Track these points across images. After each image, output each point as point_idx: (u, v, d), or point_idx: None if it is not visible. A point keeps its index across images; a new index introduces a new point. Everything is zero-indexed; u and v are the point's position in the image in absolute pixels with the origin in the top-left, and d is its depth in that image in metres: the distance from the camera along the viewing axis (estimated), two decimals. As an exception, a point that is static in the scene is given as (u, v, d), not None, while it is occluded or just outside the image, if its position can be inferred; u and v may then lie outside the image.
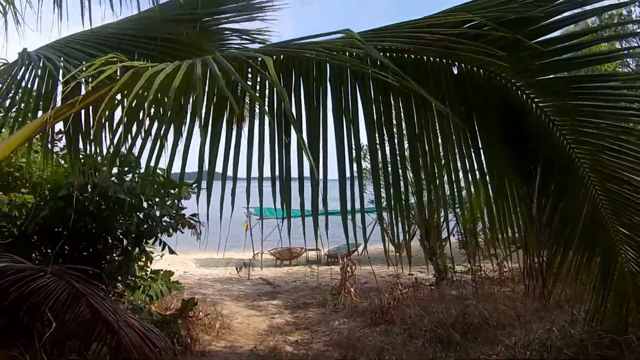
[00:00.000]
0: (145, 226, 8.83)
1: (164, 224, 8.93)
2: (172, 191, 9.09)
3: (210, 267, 22.99)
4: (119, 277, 8.97)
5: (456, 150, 3.87)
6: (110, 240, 8.90)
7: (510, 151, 4.11)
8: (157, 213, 8.95)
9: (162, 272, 9.50)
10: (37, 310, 4.92)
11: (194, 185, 9.04)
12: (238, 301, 15.25)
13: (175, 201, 9.05)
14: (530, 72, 3.71)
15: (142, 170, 8.56)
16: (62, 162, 8.64)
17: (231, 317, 12.84)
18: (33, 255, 8.35)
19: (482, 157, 3.97)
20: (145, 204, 8.84)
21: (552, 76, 3.89)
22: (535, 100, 3.91)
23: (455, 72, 3.74)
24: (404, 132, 3.74)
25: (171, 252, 8.93)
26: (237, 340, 10.69)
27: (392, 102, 3.60)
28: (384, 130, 3.59)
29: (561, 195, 4.40)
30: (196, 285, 17.79)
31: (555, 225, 4.58)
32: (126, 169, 8.46)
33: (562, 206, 4.45)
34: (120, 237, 8.86)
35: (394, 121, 3.64)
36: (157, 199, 8.82)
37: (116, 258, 8.95)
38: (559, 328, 8.31)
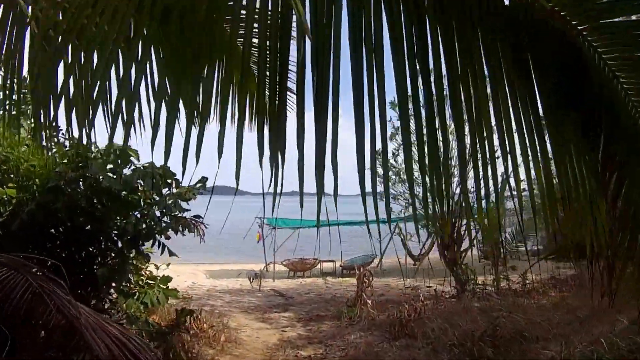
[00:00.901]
0: (143, 226, 8.00)
1: (164, 224, 8.10)
2: (174, 190, 8.29)
3: (220, 278, 22.17)
4: (113, 283, 8.14)
5: (509, 100, 2.98)
6: (104, 241, 8.09)
7: (571, 109, 3.22)
8: (158, 213, 8.15)
9: (159, 278, 8.63)
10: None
11: (198, 186, 8.25)
12: (248, 313, 14.38)
13: (179, 201, 8.23)
14: (596, 12, 2.84)
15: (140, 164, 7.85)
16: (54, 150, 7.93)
17: (239, 329, 11.99)
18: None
19: (539, 110, 3.07)
20: (145, 203, 8.06)
21: (620, 19, 3.02)
22: (599, 50, 3.02)
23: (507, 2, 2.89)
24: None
25: (171, 254, 8.09)
26: (244, 355, 9.83)
27: (429, 33, 2.73)
28: (417, 68, 2.70)
29: (628, 171, 3.50)
30: (204, 296, 16.96)
31: (620, 207, 3.66)
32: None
33: (628, 184, 3.54)
34: (115, 237, 8.04)
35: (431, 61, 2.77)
36: (156, 197, 8.04)
37: (109, 261, 8.13)
38: (604, 339, 7.35)
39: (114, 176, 7.57)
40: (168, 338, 8.13)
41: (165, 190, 8.13)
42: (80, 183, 7.63)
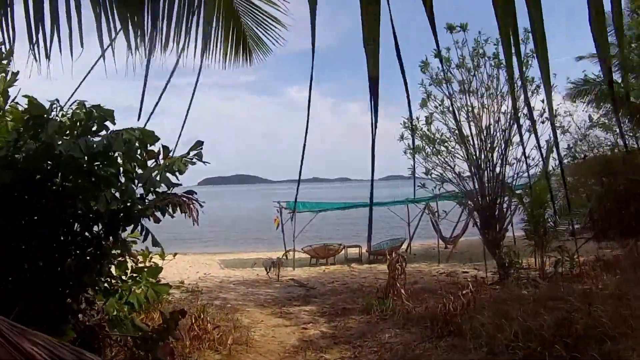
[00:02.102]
0: (120, 206, 6.27)
1: (147, 203, 6.36)
2: (160, 161, 6.52)
3: (236, 268, 20.51)
4: (87, 279, 6.44)
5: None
6: (75, 227, 6.39)
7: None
8: (141, 190, 6.41)
9: (146, 270, 6.91)
10: None
11: (191, 154, 6.50)
12: (263, 307, 12.68)
13: (166, 174, 6.45)
14: None
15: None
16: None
17: (252, 327, 10.30)
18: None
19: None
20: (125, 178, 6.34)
21: None
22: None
23: None
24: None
25: (155, 244, 6.35)
26: (255, 361, 8.14)
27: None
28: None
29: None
30: (216, 289, 15.31)
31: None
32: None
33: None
34: (85, 220, 6.32)
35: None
36: (139, 171, 6.33)
37: (81, 252, 6.43)
38: None
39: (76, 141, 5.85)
40: (160, 345, 6.43)
41: (151, 163, 6.41)
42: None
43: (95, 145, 5.61)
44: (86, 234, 6.42)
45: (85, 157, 5.76)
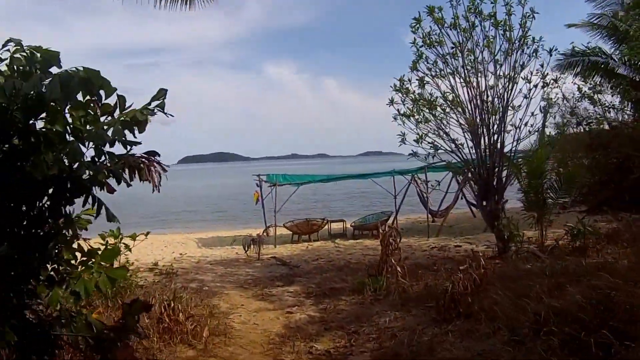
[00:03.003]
0: (62, 173, 4.96)
1: (97, 166, 5.05)
2: (114, 115, 5.22)
3: (214, 247, 19.28)
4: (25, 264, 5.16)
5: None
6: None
7: None
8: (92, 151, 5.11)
9: (99, 253, 5.63)
10: None
11: (152, 105, 5.21)
12: (243, 289, 11.52)
13: (121, 129, 5.15)
14: None
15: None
16: None
17: (232, 313, 9.15)
18: None
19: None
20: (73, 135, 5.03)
21: None
22: None
23: None
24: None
25: (110, 218, 5.07)
26: (235, 357, 6.94)
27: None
28: None
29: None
30: (193, 270, 14.09)
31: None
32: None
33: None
34: (23, 192, 5.00)
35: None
36: (87, 125, 5.03)
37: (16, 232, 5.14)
38: None
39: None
40: (118, 346, 5.21)
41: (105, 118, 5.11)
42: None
43: (22, 88, 4.31)
44: (24, 208, 5.13)
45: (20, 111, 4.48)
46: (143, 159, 5.09)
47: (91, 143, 4.83)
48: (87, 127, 5.07)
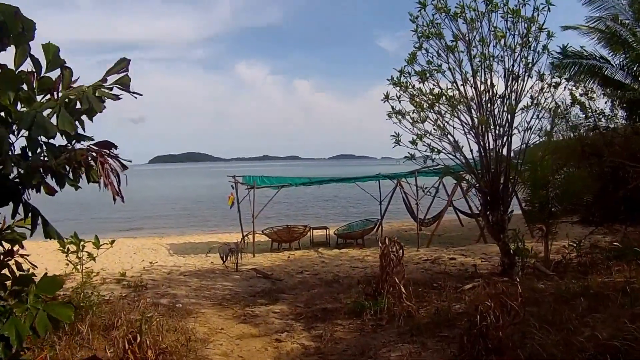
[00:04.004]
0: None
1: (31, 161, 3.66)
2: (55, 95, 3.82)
3: (187, 254, 17.83)
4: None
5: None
6: None
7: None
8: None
9: (39, 280, 4.21)
10: None
11: (110, 81, 3.83)
12: (223, 307, 10.17)
13: (64, 112, 3.74)
14: None
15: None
16: None
17: (211, 340, 7.80)
18: None
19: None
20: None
21: None
22: None
23: None
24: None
25: (49, 234, 3.67)
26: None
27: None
28: None
29: None
30: (164, 282, 12.67)
31: None
32: None
33: None
34: None
35: None
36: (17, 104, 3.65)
37: None
38: None
39: None
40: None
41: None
42: None
43: None
44: None
45: None
46: (93, 153, 3.70)
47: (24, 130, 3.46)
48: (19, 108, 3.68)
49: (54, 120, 3.29)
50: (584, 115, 15.30)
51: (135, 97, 3.63)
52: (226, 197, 19.31)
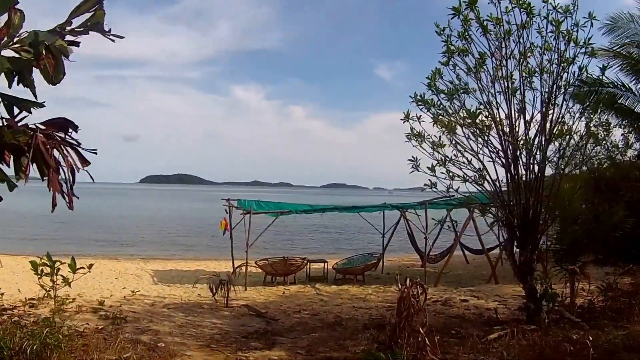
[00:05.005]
0: None
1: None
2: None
3: (172, 283, 16.43)
4: None
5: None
6: None
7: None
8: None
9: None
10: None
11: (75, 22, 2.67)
12: (211, 350, 8.81)
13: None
14: None
15: None
16: None
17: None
18: None
19: None
20: None
21: None
22: None
23: None
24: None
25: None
26: None
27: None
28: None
29: None
30: (146, 316, 11.31)
31: None
32: None
33: None
34: None
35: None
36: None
37: None
38: None
39: None
40: None
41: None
42: None
43: None
44: None
45: None
46: (41, 133, 2.45)
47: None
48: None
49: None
50: (596, 147, 14.30)
51: (113, 41, 2.52)
52: (220, 222, 18.01)
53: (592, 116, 11.82)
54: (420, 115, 10.36)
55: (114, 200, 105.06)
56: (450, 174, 10.21)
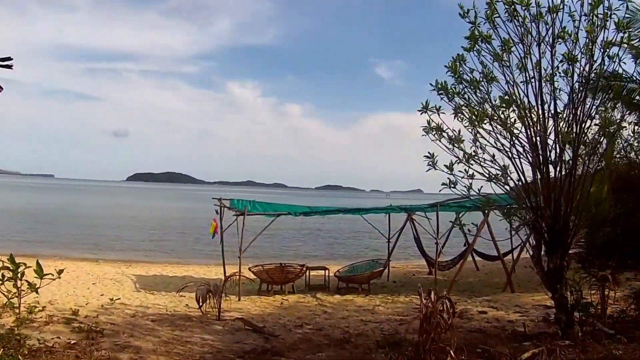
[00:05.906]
0: None
1: None
2: None
3: (157, 290, 15.02)
4: None
5: None
6: None
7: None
8: None
9: None
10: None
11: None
12: (201, 375, 7.45)
13: None
14: None
15: None
16: None
17: None
18: None
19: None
20: None
21: None
22: None
23: None
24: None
25: None
26: None
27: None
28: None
29: None
30: (126, 329, 9.92)
31: None
32: None
33: None
34: None
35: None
36: None
37: None
38: None
39: None
40: None
41: None
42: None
43: None
44: None
45: None
46: None
47: None
48: None
49: None
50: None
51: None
52: (210, 224, 16.61)
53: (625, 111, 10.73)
54: (440, 106, 9.10)
55: (98, 199, 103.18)
56: (471, 173, 8.96)
